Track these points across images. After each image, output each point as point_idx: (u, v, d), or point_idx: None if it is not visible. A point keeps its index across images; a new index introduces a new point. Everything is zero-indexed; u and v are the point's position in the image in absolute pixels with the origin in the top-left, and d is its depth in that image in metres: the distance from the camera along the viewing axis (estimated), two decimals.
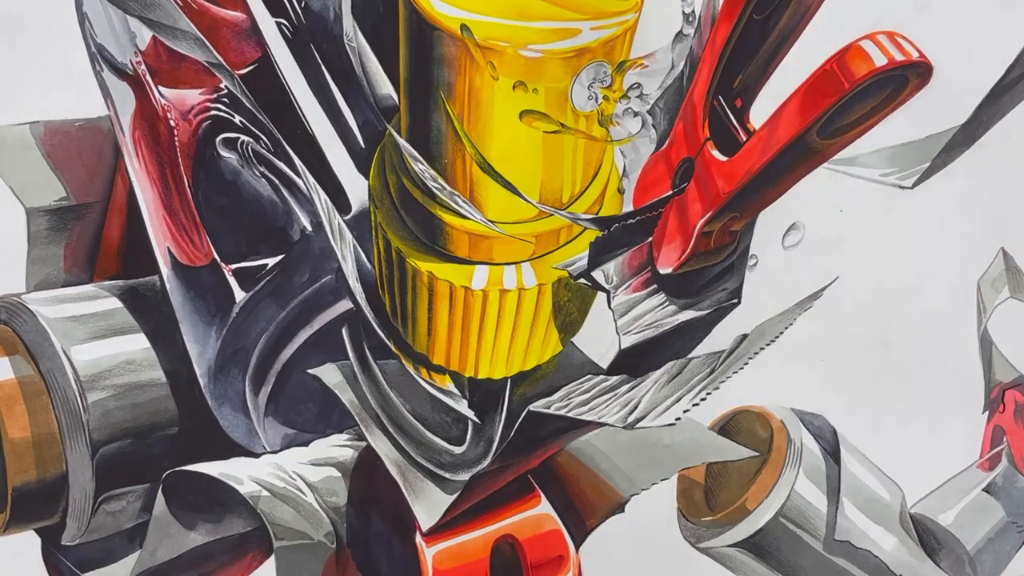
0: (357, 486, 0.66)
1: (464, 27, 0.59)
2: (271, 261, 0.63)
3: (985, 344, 0.68)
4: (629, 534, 0.68)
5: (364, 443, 0.66)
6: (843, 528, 0.67)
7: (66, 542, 0.64)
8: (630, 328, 0.66)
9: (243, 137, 0.62)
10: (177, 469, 0.64)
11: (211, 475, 0.65)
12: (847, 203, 0.66)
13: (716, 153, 0.64)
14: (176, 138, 0.62)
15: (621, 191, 0.64)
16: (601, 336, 0.66)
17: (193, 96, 0.61)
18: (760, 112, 0.64)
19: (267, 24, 0.60)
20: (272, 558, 0.66)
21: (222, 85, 0.61)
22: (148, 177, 0.62)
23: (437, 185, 0.62)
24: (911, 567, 0.68)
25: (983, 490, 0.69)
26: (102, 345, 0.63)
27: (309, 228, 0.63)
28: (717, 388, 0.67)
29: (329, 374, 0.65)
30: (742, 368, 0.67)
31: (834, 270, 0.66)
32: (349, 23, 0.60)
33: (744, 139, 0.64)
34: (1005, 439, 0.69)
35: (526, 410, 0.66)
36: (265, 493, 0.65)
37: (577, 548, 0.68)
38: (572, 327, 0.66)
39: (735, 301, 0.66)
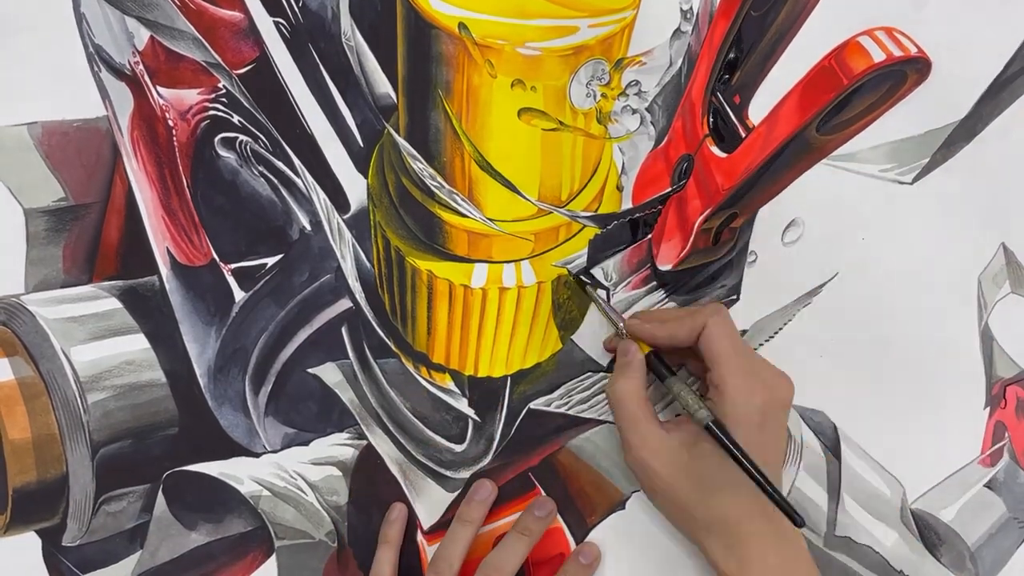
0: (358, 485, 0.66)
1: (462, 25, 0.59)
2: (270, 260, 0.63)
3: (986, 339, 0.68)
4: (630, 531, 0.68)
5: (365, 442, 0.66)
6: (843, 524, 0.67)
7: (67, 543, 0.64)
8: None
9: (242, 137, 0.62)
10: (178, 469, 0.64)
11: (212, 475, 0.65)
12: (846, 199, 0.66)
13: (715, 150, 0.64)
14: (175, 138, 0.62)
15: (620, 188, 0.64)
16: (601, 334, 0.66)
17: (191, 96, 0.61)
18: (759, 108, 0.64)
19: (265, 23, 0.60)
20: (273, 558, 0.66)
21: (220, 85, 0.61)
22: (147, 177, 0.62)
23: (436, 184, 0.62)
24: (912, 563, 0.68)
25: (984, 486, 0.69)
26: (102, 346, 0.63)
27: (308, 227, 0.63)
28: None
29: (329, 373, 0.65)
30: None
31: (834, 266, 0.66)
32: (347, 22, 0.60)
33: (743, 135, 0.64)
34: (1007, 435, 0.69)
35: (526, 408, 0.67)
36: (266, 493, 0.65)
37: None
38: (572, 324, 0.66)
39: (734, 297, 0.66)
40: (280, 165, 0.62)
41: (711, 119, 0.64)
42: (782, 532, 0.58)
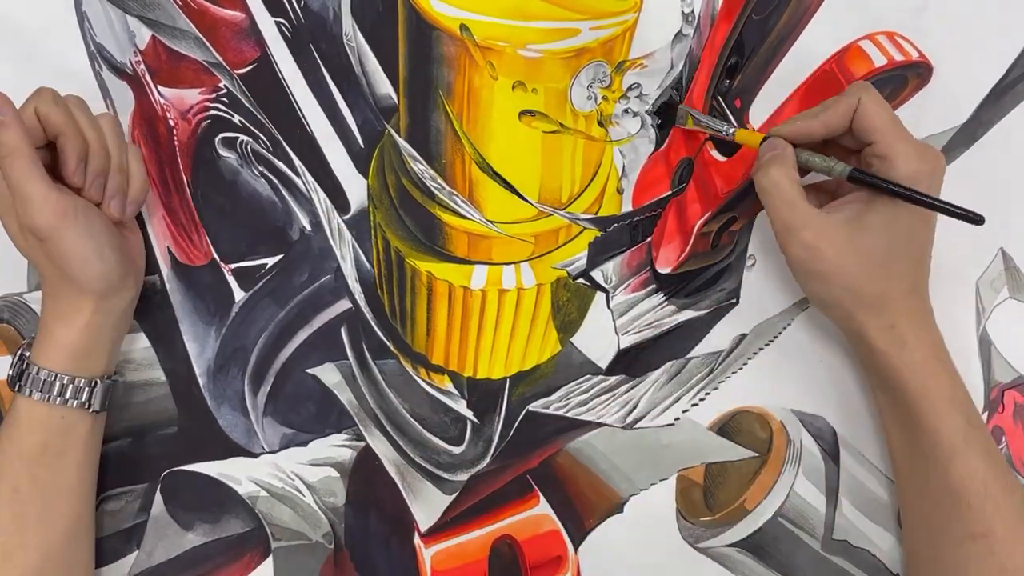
0: (355, 486, 0.66)
1: (464, 27, 0.59)
2: (270, 261, 0.63)
3: (984, 344, 0.68)
4: (628, 534, 0.67)
5: (363, 443, 0.66)
6: (841, 527, 0.67)
7: None
8: (629, 328, 0.66)
9: (242, 137, 0.62)
10: (175, 469, 0.64)
11: (209, 475, 0.65)
12: None
13: (715, 153, 0.64)
14: (175, 138, 0.62)
15: (620, 191, 0.65)
16: (600, 336, 0.66)
17: (192, 96, 0.61)
18: (760, 112, 0.64)
19: (266, 23, 0.60)
20: (270, 559, 0.65)
21: (221, 84, 0.61)
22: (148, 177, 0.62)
23: (436, 185, 0.62)
24: None
25: None
26: None
27: (308, 228, 0.63)
28: (716, 388, 0.67)
29: (328, 374, 0.65)
30: (741, 368, 0.67)
31: None
32: (348, 23, 0.60)
33: None
34: (1004, 439, 0.69)
35: (525, 410, 0.66)
36: (263, 493, 0.65)
37: (576, 548, 0.68)
38: (571, 327, 0.66)
39: (734, 301, 0.66)
40: (280, 165, 0.62)
41: None
42: (929, 311, 0.60)
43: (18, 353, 0.58)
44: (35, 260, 0.57)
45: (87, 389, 0.57)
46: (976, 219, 0.53)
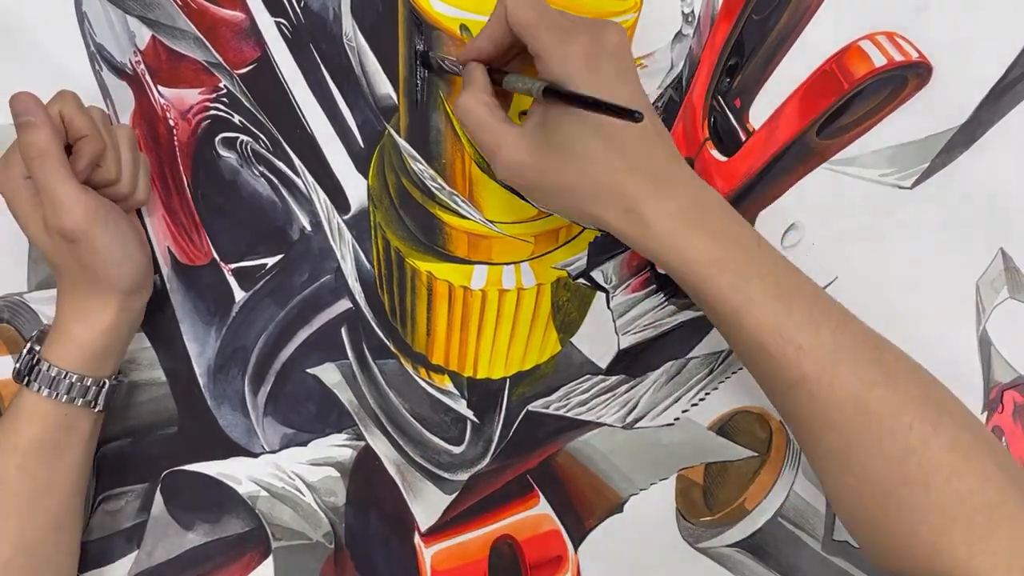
0: (356, 486, 0.66)
1: (463, 27, 0.59)
2: (270, 260, 0.63)
3: (984, 345, 0.68)
4: (628, 534, 0.68)
5: (363, 443, 0.66)
6: (842, 528, 0.68)
7: None
8: (629, 328, 0.66)
9: (242, 137, 0.62)
10: (176, 469, 0.64)
11: (209, 475, 0.65)
12: (846, 203, 0.66)
13: (715, 153, 0.64)
14: (175, 138, 0.62)
15: None
16: (600, 336, 0.66)
17: (192, 96, 0.61)
18: (759, 112, 0.64)
19: (266, 23, 0.60)
20: (270, 559, 0.65)
21: (221, 84, 0.61)
22: None
23: (436, 185, 0.62)
24: None
25: None
26: None
27: (308, 228, 0.63)
28: (716, 388, 0.67)
29: (328, 374, 0.65)
30: (741, 368, 0.67)
31: (833, 270, 0.66)
32: (348, 23, 0.60)
33: (743, 139, 0.64)
34: (1003, 439, 0.69)
35: (525, 410, 0.66)
36: (263, 493, 0.65)
37: (576, 548, 0.68)
38: (571, 327, 0.66)
39: None
40: (280, 165, 0.62)
41: (711, 122, 0.64)
42: (672, 176, 0.54)
43: (28, 346, 0.58)
44: (58, 261, 0.56)
45: (94, 388, 0.57)
46: (634, 116, 0.46)
